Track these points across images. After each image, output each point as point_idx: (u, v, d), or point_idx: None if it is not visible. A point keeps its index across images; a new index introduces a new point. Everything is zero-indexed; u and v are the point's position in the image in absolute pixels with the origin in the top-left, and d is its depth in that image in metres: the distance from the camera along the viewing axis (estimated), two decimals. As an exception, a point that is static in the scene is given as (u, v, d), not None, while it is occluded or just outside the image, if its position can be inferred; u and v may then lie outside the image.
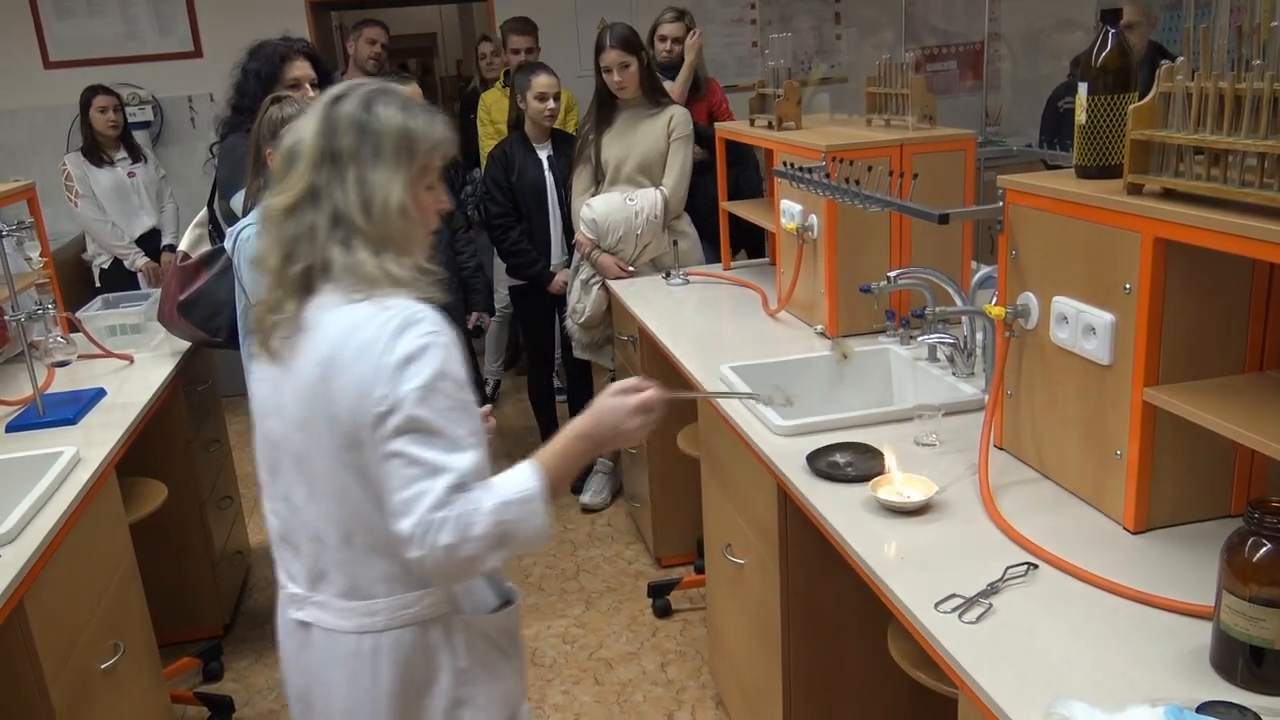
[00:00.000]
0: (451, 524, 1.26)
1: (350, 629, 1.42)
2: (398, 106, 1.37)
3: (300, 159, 1.36)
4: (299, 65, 2.80)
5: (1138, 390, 1.48)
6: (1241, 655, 1.18)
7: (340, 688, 1.45)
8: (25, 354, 2.47)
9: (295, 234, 1.35)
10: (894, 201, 1.95)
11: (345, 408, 1.31)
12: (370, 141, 1.34)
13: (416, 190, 1.38)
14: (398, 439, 1.27)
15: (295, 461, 1.40)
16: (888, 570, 1.51)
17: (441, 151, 1.40)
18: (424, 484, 1.26)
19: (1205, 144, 1.35)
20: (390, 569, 1.39)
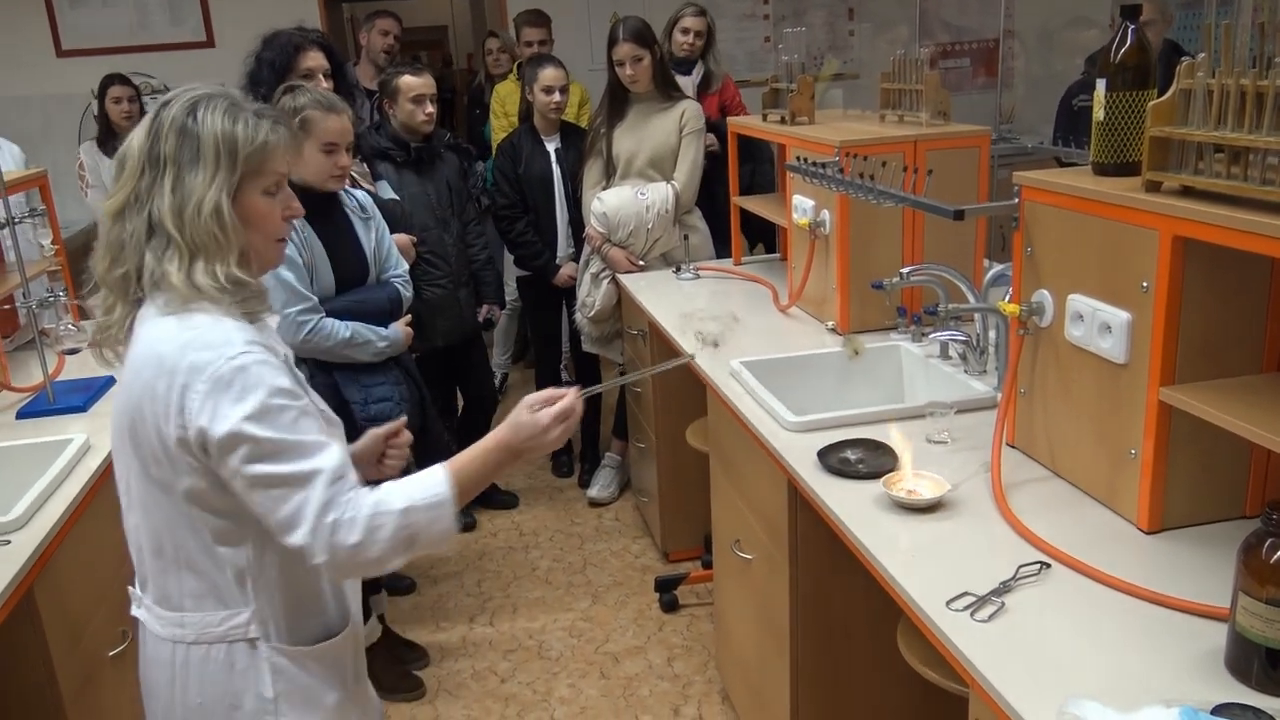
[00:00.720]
0: (360, 525, 1.27)
1: (165, 637, 1.41)
2: (222, 111, 1.33)
3: (127, 163, 1.34)
4: (313, 55, 2.80)
5: (1153, 389, 1.47)
6: (1257, 657, 1.17)
7: (160, 690, 1.44)
8: (36, 341, 2.48)
9: (119, 239, 1.33)
10: (908, 197, 1.94)
11: (150, 425, 1.29)
12: (190, 146, 1.31)
13: (247, 196, 1.34)
14: (253, 465, 1.26)
15: (119, 470, 1.41)
16: (899, 567, 1.50)
17: (274, 156, 1.35)
18: (300, 494, 1.27)
19: (1225, 141, 1.34)
20: (197, 585, 1.37)
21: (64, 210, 5.05)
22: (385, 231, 2.67)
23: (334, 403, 2.46)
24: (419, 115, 3.28)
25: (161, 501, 1.34)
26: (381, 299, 2.57)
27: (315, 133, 2.37)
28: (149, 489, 1.35)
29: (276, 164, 1.36)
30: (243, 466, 1.26)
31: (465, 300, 3.50)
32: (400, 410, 2.48)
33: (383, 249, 2.63)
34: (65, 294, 2.59)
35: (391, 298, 2.60)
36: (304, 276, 2.40)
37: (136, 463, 1.34)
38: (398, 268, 2.67)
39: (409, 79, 3.27)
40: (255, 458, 1.26)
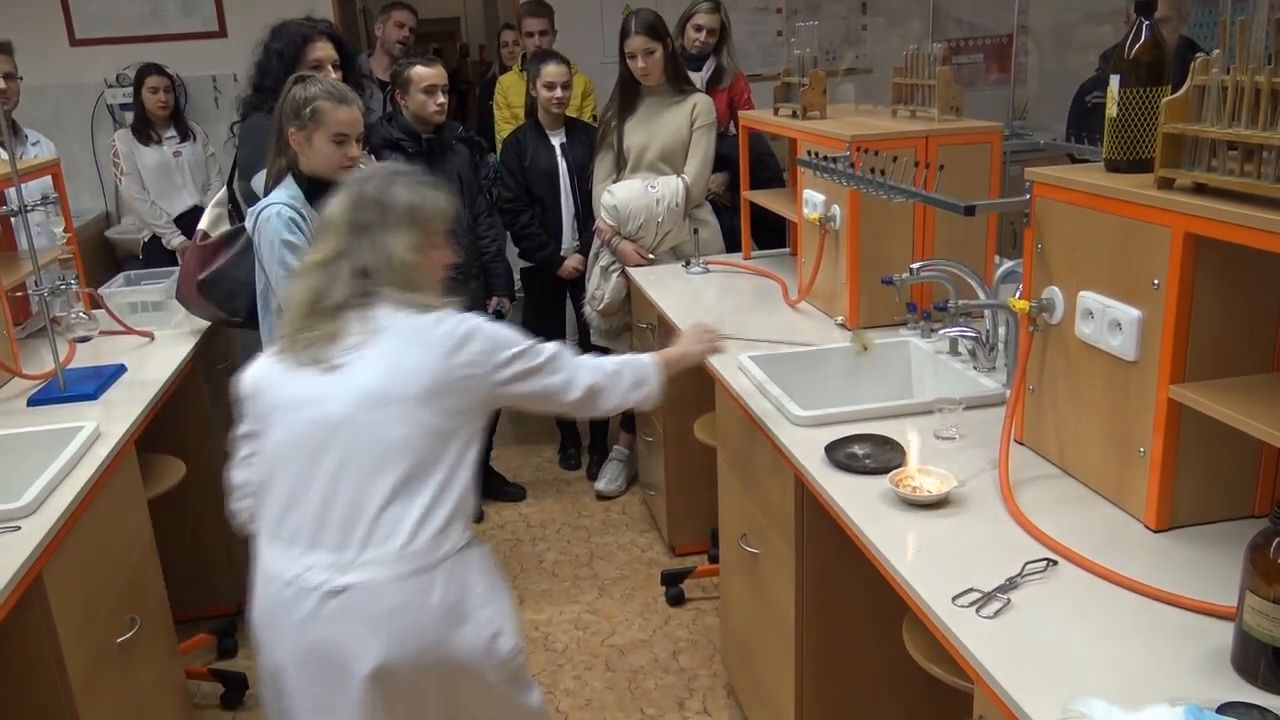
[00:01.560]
0: (605, 374, 1.92)
1: (406, 571, 1.64)
2: (408, 187, 1.81)
3: (331, 228, 1.80)
4: (321, 46, 2.80)
5: (1163, 387, 1.47)
6: (1264, 656, 1.17)
7: (381, 637, 1.63)
8: (48, 329, 2.49)
9: (325, 282, 1.76)
10: (919, 193, 1.94)
11: (423, 375, 1.68)
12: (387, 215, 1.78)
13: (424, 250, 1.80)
14: (526, 362, 1.78)
15: (360, 437, 1.66)
16: (905, 563, 1.50)
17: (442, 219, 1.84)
18: (566, 366, 1.85)
19: (1239, 139, 1.33)
20: (453, 509, 1.69)
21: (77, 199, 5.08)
22: None
23: None
24: (430, 106, 3.28)
25: (435, 439, 1.68)
26: None
27: (326, 123, 2.37)
28: (430, 431, 1.68)
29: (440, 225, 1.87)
30: (525, 367, 1.79)
31: (475, 292, 3.50)
32: None
33: None
34: (77, 282, 2.60)
35: None
36: None
37: (411, 406, 1.67)
38: None
39: (421, 70, 3.27)
40: (512, 362, 1.77)
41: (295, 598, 1.65)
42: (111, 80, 5.06)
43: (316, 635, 1.65)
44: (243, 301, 2.68)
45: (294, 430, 1.70)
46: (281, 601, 1.67)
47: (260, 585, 1.72)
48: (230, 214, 2.88)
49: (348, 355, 1.70)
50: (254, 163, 2.74)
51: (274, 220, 2.36)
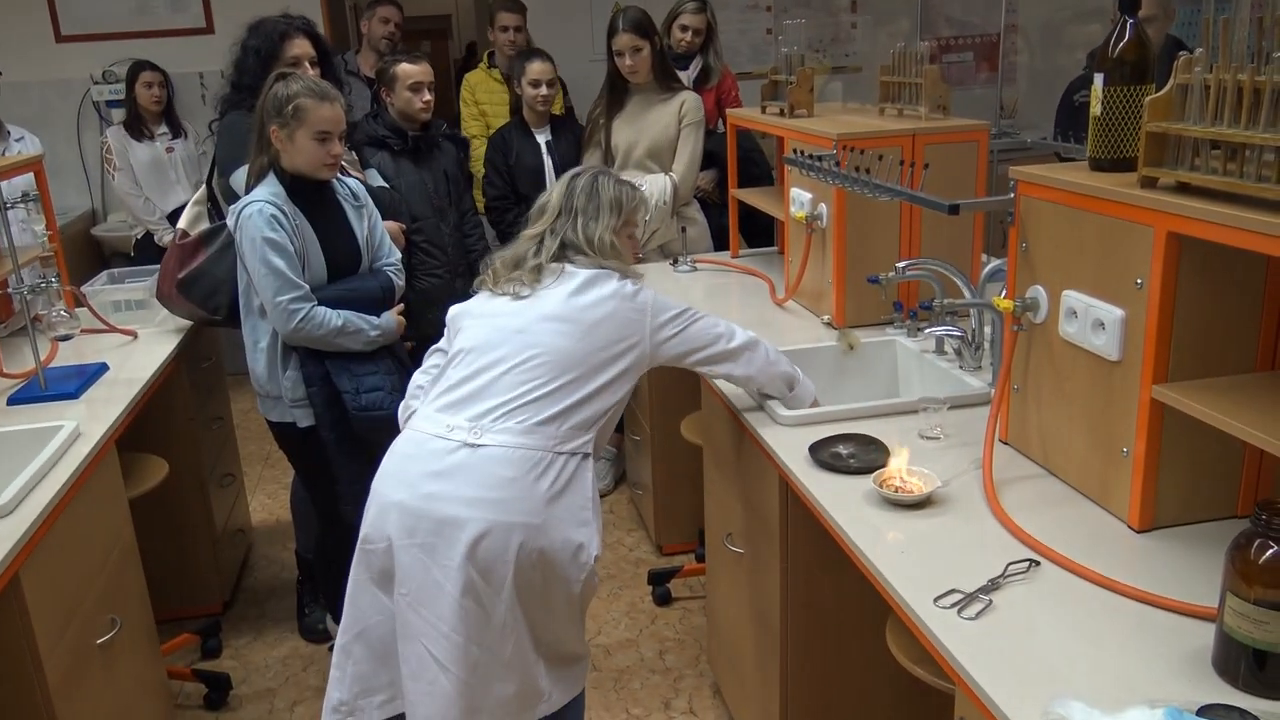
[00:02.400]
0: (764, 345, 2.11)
1: (531, 445, 1.85)
2: (613, 182, 2.09)
3: (548, 210, 2.09)
4: (299, 43, 2.78)
5: (1146, 387, 1.46)
6: (1244, 658, 1.16)
7: (490, 500, 1.81)
8: (28, 327, 2.47)
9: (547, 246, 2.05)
10: (904, 191, 1.93)
11: (613, 322, 1.94)
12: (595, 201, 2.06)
13: (621, 238, 2.08)
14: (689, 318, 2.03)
15: (532, 340, 1.91)
16: (887, 564, 1.49)
17: (641, 214, 2.17)
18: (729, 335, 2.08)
19: (1222, 137, 1.32)
20: (583, 419, 1.89)
21: (63, 197, 5.06)
22: (378, 219, 2.65)
23: (325, 393, 2.46)
24: (417, 103, 3.26)
25: (607, 364, 1.93)
26: (374, 287, 2.55)
27: (308, 121, 2.35)
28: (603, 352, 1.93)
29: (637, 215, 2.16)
30: (684, 319, 2.03)
31: (462, 290, 3.48)
32: (392, 399, 2.46)
33: (375, 237, 2.61)
34: (58, 280, 2.57)
35: (384, 286, 2.58)
36: (295, 265, 2.39)
37: (593, 338, 1.92)
38: (390, 256, 2.65)
39: (407, 67, 3.25)
40: (690, 313, 2.04)
41: (429, 447, 1.86)
42: (98, 77, 5.03)
43: (437, 487, 1.83)
44: (223, 299, 2.66)
45: (478, 332, 1.96)
46: (415, 451, 1.88)
47: (399, 442, 1.94)
48: (210, 212, 2.86)
49: (540, 289, 1.98)
50: (232, 160, 2.72)
51: (255, 218, 2.35)
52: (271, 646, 3.04)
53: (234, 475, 3.41)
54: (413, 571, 1.84)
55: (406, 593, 1.85)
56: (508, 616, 1.84)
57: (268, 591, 3.33)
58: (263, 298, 2.40)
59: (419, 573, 1.84)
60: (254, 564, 3.53)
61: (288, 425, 2.56)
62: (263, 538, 3.70)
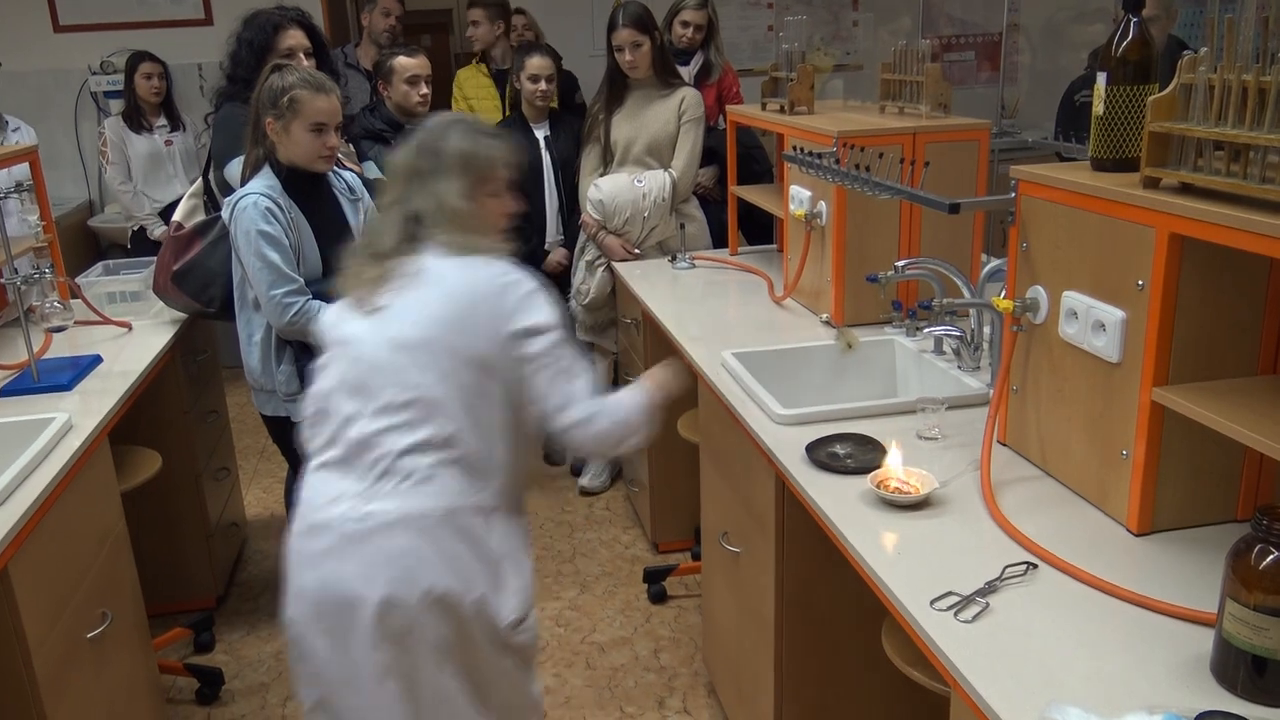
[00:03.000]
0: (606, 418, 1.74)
1: (424, 509, 1.66)
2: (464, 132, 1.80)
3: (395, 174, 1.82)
4: (293, 34, 2.76)
5: (1146, 389, 1.45)
6: (1243, 665, 1.15)
7: (388, 574, 1.65)
8: (21, 319, 2.45)
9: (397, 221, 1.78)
10: (904, 189, 1.91)
11: (476, 331, 1.69)
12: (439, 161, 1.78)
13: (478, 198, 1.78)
14: (552, 353, 1.70)
15: (392, 376, 1.69)
16: (883, 565, 1.48)
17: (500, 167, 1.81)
18: (581, 380, 1.73)
19: (1225, 138, 1.31)
20: (470, 463, 1.69)
21: (60, 187, 5.04)
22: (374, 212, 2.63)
23: None
24: (413, 97, 3.25)
25: (471, 389, 1.69)
26: None
27: (303, 113, 2.33)
28: (466, 378, 1.68)
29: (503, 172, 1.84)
30: (547, 353, 1.70)
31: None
32: None
33: None
34: (52, 271, 2.56)
35: None
36: (290, 258, 2.37)
37: (461, 357, 1.68)
38: None
39: (403, 60, 3.24)
40: (554, 347, 1.71)
41: (319, 519, 1.69)
42: (96, 67, 5.01)
43: (333, 567, 1.67)
44: (217, 292, 2.64)
45: (337, 368, 1.76)
46: (307, 526, 1.71)
47: (297, 512, 1.76)
48: (206, 205, 2.84)
49: (389, 299, 1.74)
50: (227, 153, 2.70)
51: (250, 210, 2.33)
52: (265, 641, 3.02)
53: (229, 469, 3.40)
54: (329, 661, 1.69)
55: (328, 683, 1.71)
56: (441, 688, 1.71)
57: (262, 586, 3.32)
58: (257, 291, 2.38)
59: (335, 661, 1.69)
60: (248, 558, 3.51)
61: (281, 419, 2.54)
62: (257, 532, 3.69)
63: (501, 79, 4.31)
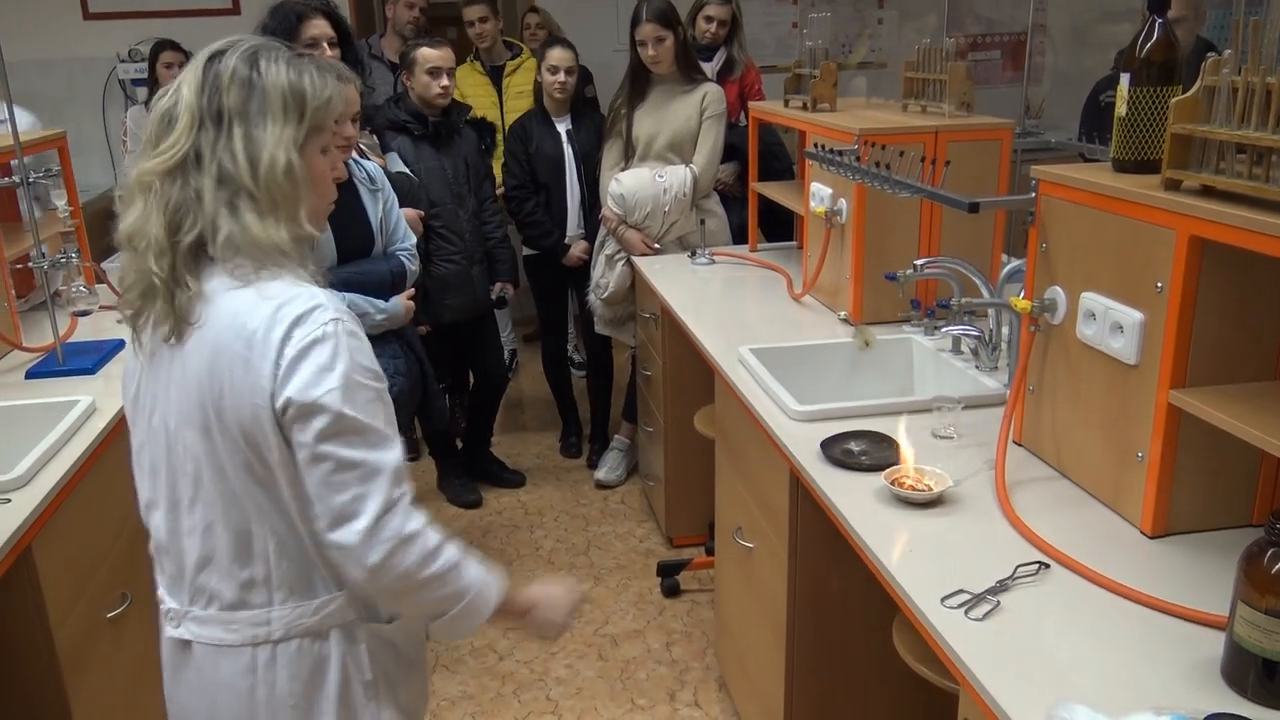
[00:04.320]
0: (419, 543, 1.25)
1: (242, 642, 1.32)
2: (285, 63, 1.28)
3: (179, 120, 1.24)
4: (317, 24, 2.77)
5: (1163, 392, 1.45)
6: (1254, 668, 1.15)
7: (231, 708, 1.34)
8: (48, 302, 2.48)
9: (181, 200, 1.24)
10: (924, 188, 1.91)
11: (244, 401, 1.22)
12: (257, 98, 1.25)
13: (308, 154, 1.29)
14: (326, 442, 1.20)
15: (185, 467, 1.29)
16: (896, 562, 1.48)
17: (335, 113, 1.32)
18: (362, 487, 1.21)
19: (1249, 141, 1.31)
20: (288, 573, 1.30)
21: (88, 173, 5.08)
22: (394, 204, 2.64)
23: None
24: (434, 88, 3.26)
25: (252, 488, 1.26)
26: (383, 271, 2.54)
27: None
28: (239, 475, 1.26)
29: (337, 121, 1.34)
30: (315, 441, 1.20)
31: (478, 277, 3.49)
32: (396, 385, 2.46)
33: (390, 221, 2.61)
34: (78, 255, 2.59)
35: (395, 270, 2.57)
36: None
37: (224, 449, 1.25)
38: (405, 240, 2.64)
39: (426, 51, 3.25)
40: (329, 434, 1.20)
41: (163, 636, 1.42)
42: (124, 55, 5.05)
43: (178, 701, 1.43)
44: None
45: (136, 434, 1.38)
46: (163, 643, 1.43)
47: None
48: None
49: (169, 344, 1.28)
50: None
51: None
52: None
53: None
54: None
55: None
56: None
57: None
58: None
59: None
60: (266, 544, 3.55)
61: None
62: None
63: (496, 75, 4.33)
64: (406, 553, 1.23)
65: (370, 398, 1.24)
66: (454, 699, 2.72)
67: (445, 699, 2.72)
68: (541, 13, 4.93)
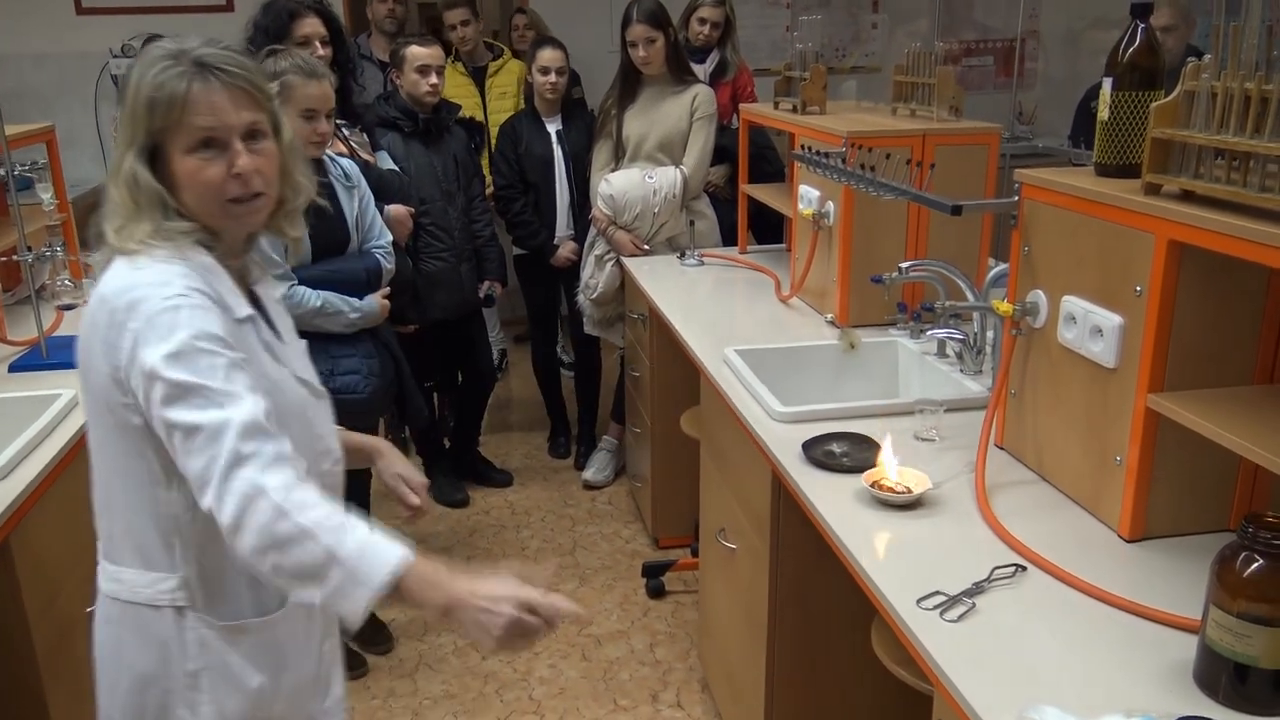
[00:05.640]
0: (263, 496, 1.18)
1: (107, 593, 1.40)
2: (144, 63, 1.28)
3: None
4: (309, 22, 2.77)
5: (1141, 396, 1.45)
6: (1225, 672, 1.15)
7: (103, 650, 1.42)
8: (32, 296, 2.47)
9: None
10: (907, 190, 1.92)
11: (101, 362, 1.27)
12: (125, 104, 1.29)
13: (169, 156, 1.28)
14: (168, 408, 1.21)
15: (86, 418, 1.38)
16: (873, 563, 1.49)
17: (192, 109, 1.26)
18: (211, 449, 1.19)
19: (1227, 146, 1.31)
20: (135, 538, 1.35)
21: (78, 168, 5.06)
22: (370, 201, 2.63)
23: None
24: (423, 86, 3.26)
25: (111, 441, 1.32)
26: (358, 270, 2.53)
27: (294, 98, 2.34)
28: (108, 438, 1.33)
29: (195, 118, 1.26)
30: (159, 409, 1.21)
31: (467, 275, 3.49)
32: (368, 384, 2.45)
33: (366, 218, 2.60)
34: (64, 249, 2.58)
35: (370, 269, 2.55)
36: (277, 242, 2.37)
37: (94, 414, 1.34)
38: (381, 238, 2.63)
39: (415, 49, 3.25)
40: (169, 399, 1.21)
41: None
42: (116, 50, 5.04)
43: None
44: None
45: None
46: None
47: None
48: None
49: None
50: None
51: None
52: (264, 623, 3.05)
53: (234, 452, 3.42)
54: None
55: None
56: None
57: (264, 569, 3.34)
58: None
59: None
60: (251, 541, 3.54)
61: None
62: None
63: (479, 77, 4.32)
64: (257, 507, 1.18)
65: (213, 364, 1.23)
66: (436, 698, 2.71)
67: (428, 698, 2.71)
68: (529, 13, 4.93)
